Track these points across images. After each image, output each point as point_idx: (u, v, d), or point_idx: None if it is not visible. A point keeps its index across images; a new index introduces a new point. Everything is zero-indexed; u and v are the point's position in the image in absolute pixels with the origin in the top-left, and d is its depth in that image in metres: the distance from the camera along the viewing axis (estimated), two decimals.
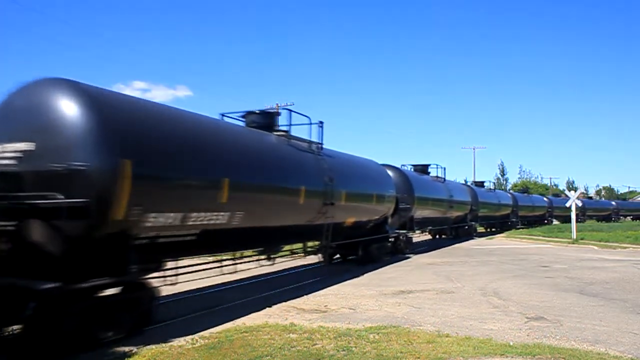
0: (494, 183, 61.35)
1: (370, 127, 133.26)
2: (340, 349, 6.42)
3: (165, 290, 10.23)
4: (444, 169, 25.34)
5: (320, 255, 14.11)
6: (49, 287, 5.91)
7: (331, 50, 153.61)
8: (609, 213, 63.23)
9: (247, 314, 8.67)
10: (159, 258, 7.94)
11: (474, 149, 65.62)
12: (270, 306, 9.36)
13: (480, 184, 36.14)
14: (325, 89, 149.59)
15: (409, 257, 18.37)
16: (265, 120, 11.50)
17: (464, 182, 32.57)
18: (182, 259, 8.69)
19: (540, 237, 29.95)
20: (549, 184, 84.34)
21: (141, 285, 7.42)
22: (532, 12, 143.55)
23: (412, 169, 23.05)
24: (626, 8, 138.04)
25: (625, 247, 23.28)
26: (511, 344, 6.68)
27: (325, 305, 9.49)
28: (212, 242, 8.78)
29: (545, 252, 21.42)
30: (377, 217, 16.26)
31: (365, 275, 13.89)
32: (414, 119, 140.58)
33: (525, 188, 62.28)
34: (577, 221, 48.13)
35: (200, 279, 9.69)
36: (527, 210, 42.69)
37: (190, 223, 7.77)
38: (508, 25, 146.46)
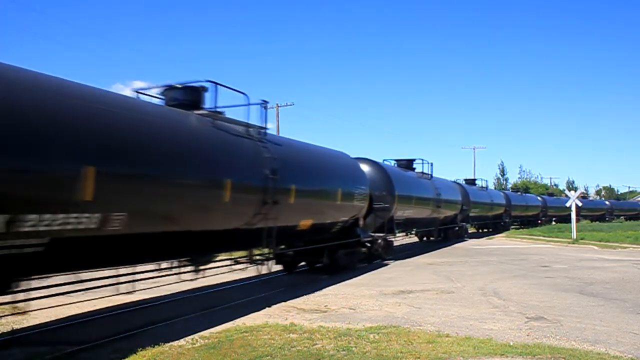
0: (494, 183, 60.96)
1: (370, 127, 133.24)
2: (340, 349, 6.42)
3: (165, 290, 10.26)
4: (431, 164, 22.87)
5: (264, 265, 10.96)
6: None
7: (332, 51, 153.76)
8: (603, 213, 61.81)
9: (247, 314, 8.67)
10: None
11: (474, 149, 65.65)
12: (270, 306, 9.36)
13: (472, 182, 33.81)
14: (325, 89, 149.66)
15: (386, 264, 16.38)
16: (188, 97, 9.13)
17: (454, 180, 29.73)
18: (35, 278, 6.30)
19: (541, 237, 29.96)
20: (549, 184, 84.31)
21: None
22: (532, 12, 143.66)
23: (395, 164, 21.20)
24: (626, 8, 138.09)
25: (625, 247, 23.28)
26: (511, 344, 6.67)
27: (326, 305, 9.49)
28: (76, 255, 6.48)
29: (545, 252, 21.42)
30: (344, 218, 13.77)
31: (365, 275, 13.88)
32: (414, 118, 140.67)
33: (521, 187, 62.12)
34: (569, 221, 47.30)
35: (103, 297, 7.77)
36: (521, 210, 41.06)
37: (28, 229, 5.50)
38: (508, 25, 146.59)
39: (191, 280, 9.23)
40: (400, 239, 22.87)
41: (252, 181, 9.36)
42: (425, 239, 27.70)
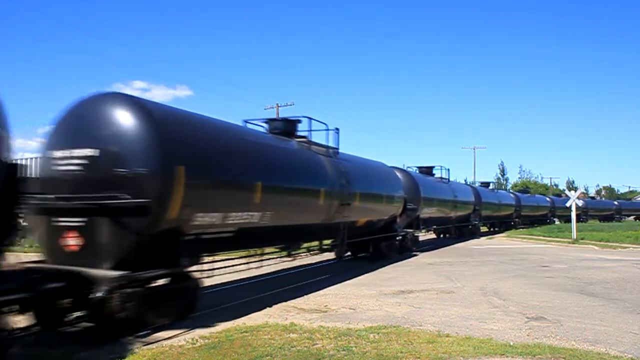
0: (494, 183, 60.23)
1: (370, 127, 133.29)
2: (340, 349, 6.42)
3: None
4: (336, 131, 13.60)
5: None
6: None
7: (331, 50, 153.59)
8: (579, 213, 58.94)
9: (247, 314, 8.67)
10: None
11: (474, 149, 65.77)
12: (270, 306, 9.37)
13: (428, 171, 24.96)
14: (324, 89, 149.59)
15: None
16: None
17: (404, 168, 21.96)
18: None
19: (541, 237, 29.97)
20: (549, 184, 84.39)
21: None
22: (532, 12, 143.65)
23: (268, 131, 11.99)
24: (626, 8, 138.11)
25: (625, 247, 23.28)
26: (511, 343, 6.68)
27: (326, 305, 9.50)
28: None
29: (546, 252, 21.42)
30: None
31: (366, 275, 13.89)
32: (414, 118, 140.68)
33: (521, 187, 61.81)
34: (546, 222, 45.34)
35: None
36: (492, 210, 34.73)
37: None
38: (508, 25, 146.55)
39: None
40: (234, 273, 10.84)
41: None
42: (353, 255, 17.77)
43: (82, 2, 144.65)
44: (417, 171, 23.35)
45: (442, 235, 29.83)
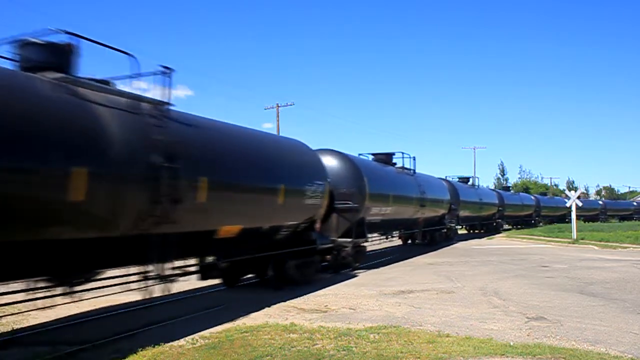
0: (494, 183, 59.68)
1: (370, 127, 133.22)
2: (340, 349, 6.42)
3: (165, 290, 10.25)
4: (163, 74, 7.46)
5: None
6: None
7: (331, 50, 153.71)
8: (564, 213, 53.78)
9: (247, 314, 8.67)
10: None
11: (474, 149, 65.71)
12: (270, 306, 9.36)
13: (386, 159, 18.96)
14: (325, 89, 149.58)
15: None
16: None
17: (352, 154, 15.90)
18: None
19: (541, 237, 30.00)
20: (549, 184, 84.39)
21: None
22: (532, 11, 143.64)
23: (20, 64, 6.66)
24: (626, 8, 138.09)
25: (625, 247, 23.28)
26: (511, 344, 6.67)
27: (326, 305, 9.50)
28: None
29: (546, 252, 21.42)
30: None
31: (365, 275, 13.88)
32: (415, 118, 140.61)
33: (521, 187, 61.62)
34: (531, 222, 44.40)
35: None
36: (472, 210, 29.99)
37: None
38: (508, 25, 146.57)
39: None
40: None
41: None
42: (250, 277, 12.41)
43: (82, 2, 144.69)
44: (373, 159, 18.28)
45: (409, 241, 24.90)
